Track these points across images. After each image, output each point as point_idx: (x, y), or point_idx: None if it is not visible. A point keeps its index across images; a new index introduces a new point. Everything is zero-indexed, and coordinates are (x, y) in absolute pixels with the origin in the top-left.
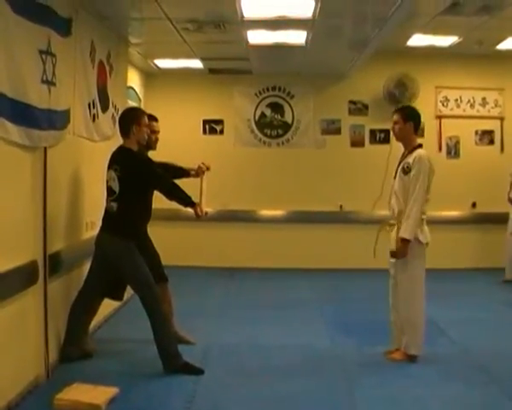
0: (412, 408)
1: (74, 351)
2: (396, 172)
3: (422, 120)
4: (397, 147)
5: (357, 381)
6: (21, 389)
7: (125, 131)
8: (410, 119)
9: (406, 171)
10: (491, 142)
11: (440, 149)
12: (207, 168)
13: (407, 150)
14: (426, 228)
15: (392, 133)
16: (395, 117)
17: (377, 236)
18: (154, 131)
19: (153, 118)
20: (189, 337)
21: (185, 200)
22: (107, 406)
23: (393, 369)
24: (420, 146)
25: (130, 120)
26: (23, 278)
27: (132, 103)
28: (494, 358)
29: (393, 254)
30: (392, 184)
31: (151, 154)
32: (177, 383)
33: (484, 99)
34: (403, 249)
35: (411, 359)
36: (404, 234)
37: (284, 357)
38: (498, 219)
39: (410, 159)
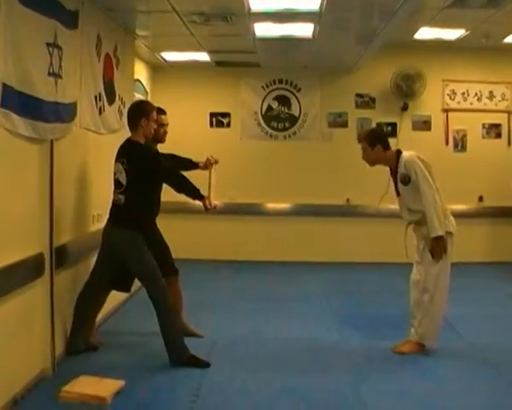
0: (419, 402)
1: (80, 344)
2: (397, 190)
3: (429, 113)
4: (404, 140)
5: (364, 374)
6: (27, 381)
7: (133, 123)
8: (376, 141)
9: (405, 181)
10: (499, 135)
11: (447, 142)
12: (216, 161)
13: (392, 165)
14: (452, 218)
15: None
16: (362, 146)
17: (405, 233)
18: (163, 125)
19: (161, 111)
20: (197, 331)
21: (194, 193)
22: (113, 398)
23: (401, 363)
24: (399, 152)
25: (140, 113)
26: (29, 270)
27: (139, 96)
28: (503, 353)
29: (433, 255)
30: (397, 200)
31: (159, 146)
32: (184, 376)
33: (491, 92)
34: (440, 246)
35: (422, 349)
36: (435, 233)
37: (291, 350)
38: (506, 213)
39: (401, 169)
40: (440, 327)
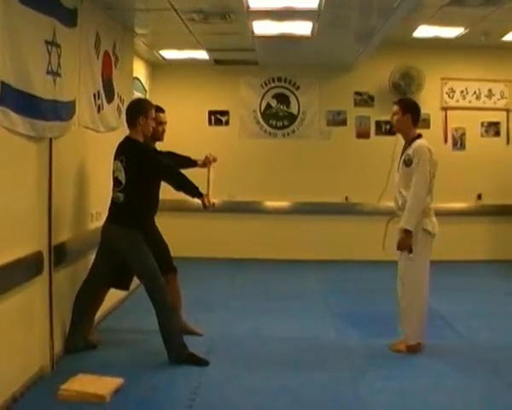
0: (416, 399)
1: (79, 341)
2: (398, 166)
3: (428, 111)
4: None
5: (361, 372)
6: (26, 379)
7: (131, 121)
8: (409, 110)
9: (408, 163)
10: (497, 133)
11: (446, 140)
12: (214, 159)
13: (407, 143)
14: (434, 219)
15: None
16: (394, 108)
17: (386, 228)
18: (161, 123)
19: (160, 109)
20: (196, 329)
21: (193, 191)
22: (112, 396)
23: (398, 361)
24: (419, 136)
25: (138, 111)
26: (28, 268)
27: (138, 94)
28: (500, 351)
29: (397, 246)
30: (394, 177)
31: (158, 144)
32: (182, 374)
33: (490, 91)
34: (405, 241)
35: (412, 349)
36: (406, 225)
37: (289, 348)
38: (504, 211)
39: (410, 151)
40: (423, 325)
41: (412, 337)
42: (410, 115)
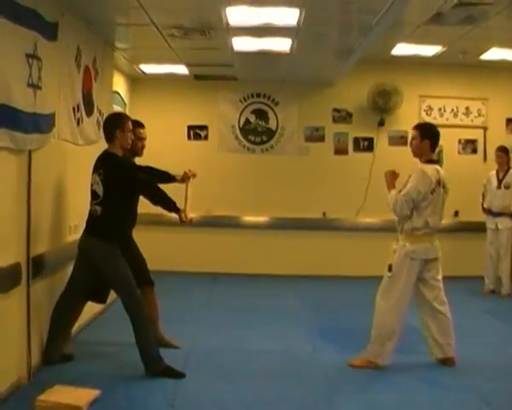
0: None
1: (56, 353)
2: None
3: (406, 128)
4: (381, 155)
5: (337, 386)
6: (3, 390)
7: (109, 135)
8: (428, 136)
9: (406, 182)
10: (474, 151)
11: None
12: (193, 175)
13: None
14: (429, 244)
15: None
16: (413, 133)
17: None
18: (141, 138)
19: (139, 124)
20: (174, 342)
21: (170, 205)
22: (89, 407)
23: (374, 375)
24: (432, 161)
25: (114, 124)
26: (6, 279)
27: (118, 108)
28: (474, 365)
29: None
30: None
31: (137, 159)
32: (159, 386)
33: (467, 108)
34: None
35: (367, 365)
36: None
37: (266, 362)
38: (481, 228)
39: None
40: (387, 348)
41: (370, 354)
42: (429, 141)
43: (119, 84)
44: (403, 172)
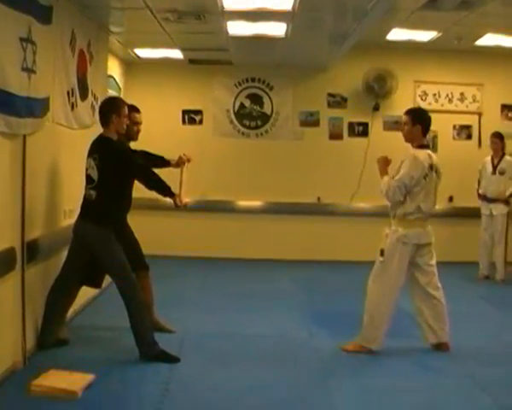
0: (385, 397)
1: (51, 338)
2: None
3: (400, 114)
4: (375, 140)
5: (331, 371)
6: None
7: (104, 120)
8: (419, 121)
9: (399, 167)
10: (469, 137)
11: None
12: (188, 160)
13: None
14: (421, 230)
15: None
16: (404, 118)
17: None
18: (137, 123)
19: (135, 109)
20: (168, 326)
21: (164, 190)
22: (83, 392)
23: (368, 360)
24: (423, 146)
25: (110, 109)
26: (0, 264)
27: (112, 92)
28: (468, 351)
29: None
30: None
31: (132, 143)
32: (153, 371)
33: (462, 94)
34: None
35: (359, 350)
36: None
37: (261, 346)
38: (475, 214)
39: (404, 156)
40: (378, 332)
41: (367, 339)
42: (420, 126)
43: (114, 68)
44: (397, 157)
